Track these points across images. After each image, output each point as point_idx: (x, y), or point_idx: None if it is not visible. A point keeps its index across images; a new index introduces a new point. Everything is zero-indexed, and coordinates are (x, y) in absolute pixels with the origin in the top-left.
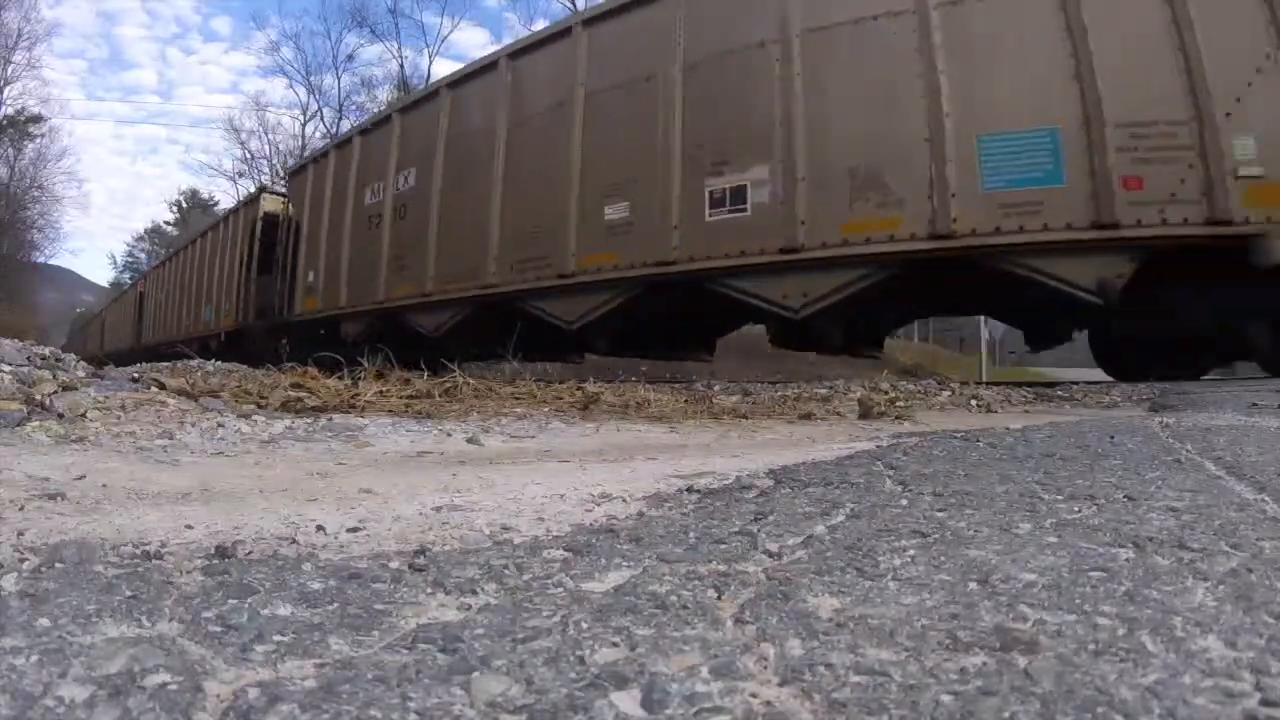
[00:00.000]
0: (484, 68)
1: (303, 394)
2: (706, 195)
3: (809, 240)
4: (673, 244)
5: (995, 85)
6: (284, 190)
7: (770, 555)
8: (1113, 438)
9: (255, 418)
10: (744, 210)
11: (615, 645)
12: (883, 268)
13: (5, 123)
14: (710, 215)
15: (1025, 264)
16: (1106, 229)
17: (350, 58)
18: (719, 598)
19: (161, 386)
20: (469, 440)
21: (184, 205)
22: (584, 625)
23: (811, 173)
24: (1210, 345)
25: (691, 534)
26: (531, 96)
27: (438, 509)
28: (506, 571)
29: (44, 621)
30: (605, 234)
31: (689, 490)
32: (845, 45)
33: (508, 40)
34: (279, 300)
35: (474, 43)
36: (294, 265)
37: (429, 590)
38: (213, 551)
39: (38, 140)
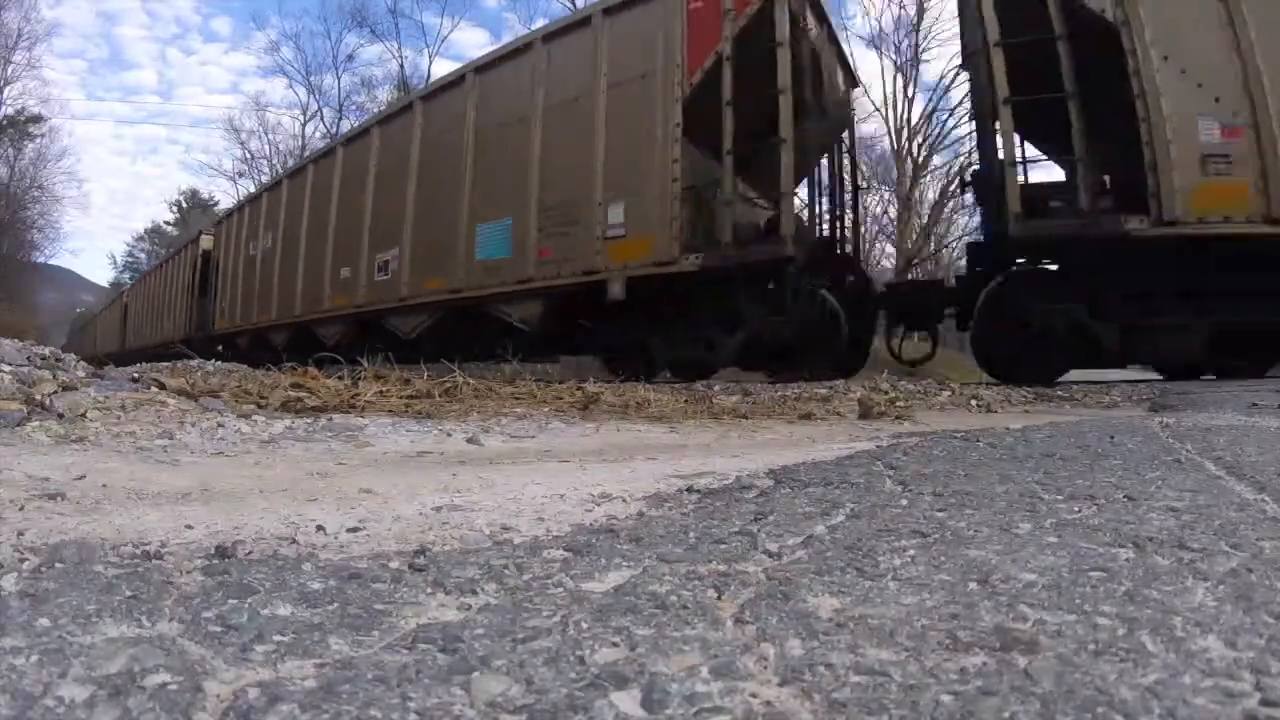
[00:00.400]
0: (299, 170)
1: (303, 394)
2: (377, 264)
3: (409, 294)
4: (364, 294)
5: (491, 192)
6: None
7: (770, 555)
8: (1113, 438)
9: (255, 418)
10: (388, 275)
11: (615, 645)
12: (438, 311)
13: (5, 123)
14: (377, 277)
15: (496, 308)
16: (526, 283)
17: (350, 58)
18: (719, 598)
19: (161, 386)
20: (469, 440)
21: (184, 205)
22: (584, 625)
23: (413, 251)
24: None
25: (691, 534)
26: (318, 192)
27: (438, 509)
28: (506, 571)
29: (44, 621)
30: (341, 286)
31: (689, 490)
32: (431, 166)
33: (506, 38)
34: (209, 318)
35: (474, 43)
36: (216, 292)
37: (429, 590)
38: (213, 551)
39: (38, 140)
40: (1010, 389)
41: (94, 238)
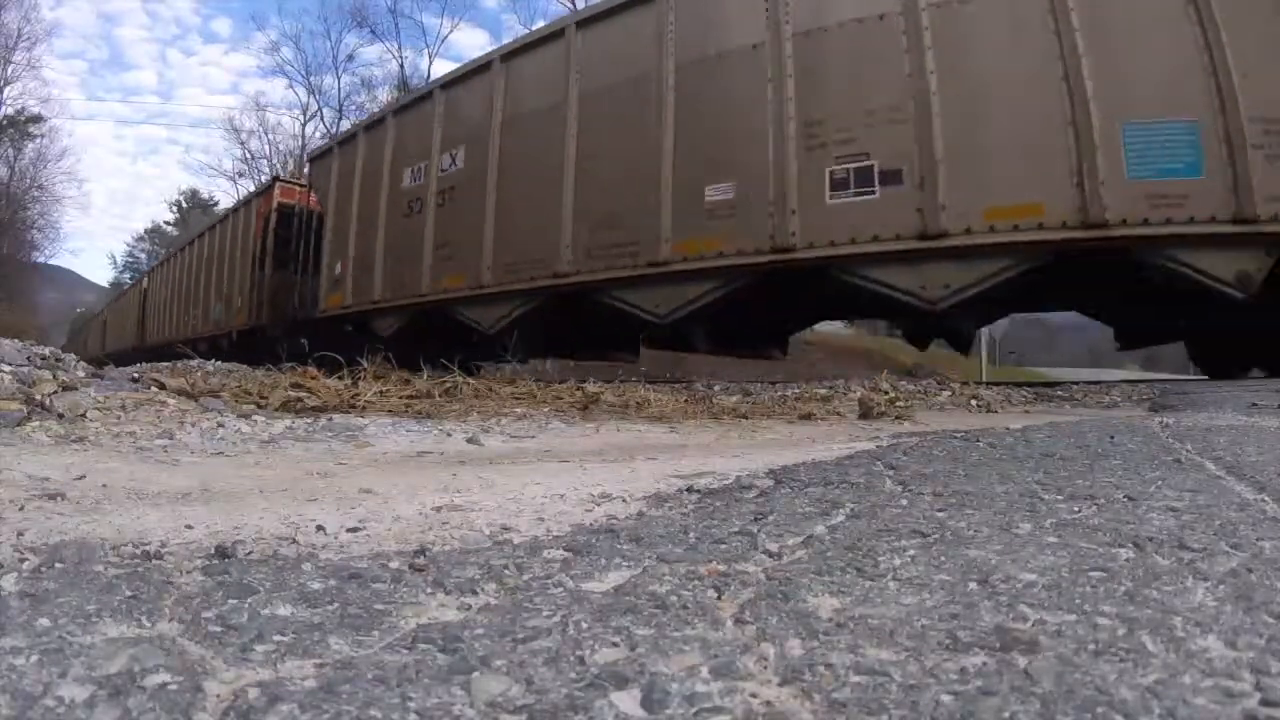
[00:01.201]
0: (170, 256)
1: (303, 394)
2: (193, 314)
3: (201, 330)
4: (190, 329)
5: (218, 285)
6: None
7: (770, 555)
8: (1113, 438)
9: (255, 418)
10: (197, 319)
11: (615, 645)
12: (207, 340)
13: (5, 123)
14: (192, 320)
15: (219, 339)
16: (223, 329)
17: (350, 58)
18: (719, 598)
19: (161, 386)
20: (469, 440)
21: (184, 205)
22: (584, 625)
23: (203, 310)
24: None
25: (691, 534)
26: (180, 267)
27: (438, 509)
28: (506, 571)
29: (44, 621)
30: (183, 322)
31: (689, 490)
32: (206, 268)
33: (507, 39)
34: (146, 333)
35: (473, 43)
36: (148, 317)
37: (429, 590)
38: (213, 551)
39: (38, 140)
40: (1010, 389)
41: (94, 238)
